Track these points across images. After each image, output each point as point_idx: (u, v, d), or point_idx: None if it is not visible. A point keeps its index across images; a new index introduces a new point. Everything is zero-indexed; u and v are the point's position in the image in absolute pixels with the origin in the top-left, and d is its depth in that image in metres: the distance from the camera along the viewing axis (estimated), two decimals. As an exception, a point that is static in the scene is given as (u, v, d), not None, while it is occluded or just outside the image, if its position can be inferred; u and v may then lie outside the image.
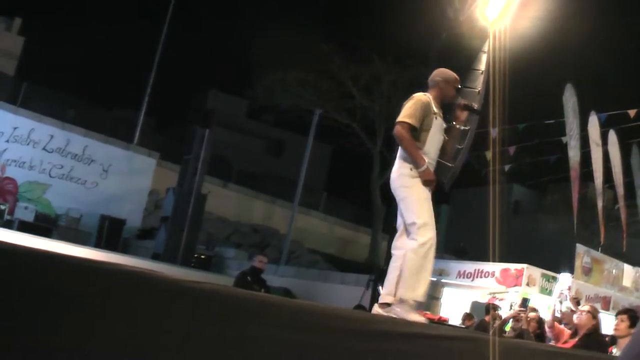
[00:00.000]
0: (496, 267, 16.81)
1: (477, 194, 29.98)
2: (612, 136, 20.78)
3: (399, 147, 6.35)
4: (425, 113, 6.27)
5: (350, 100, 28.77)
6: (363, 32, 26.47)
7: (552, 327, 8.99)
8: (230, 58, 37.58)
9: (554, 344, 8.36)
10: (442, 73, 6.63)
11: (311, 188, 35.04)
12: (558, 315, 9.96)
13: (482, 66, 11.65)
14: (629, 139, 21.37)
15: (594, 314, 8.53)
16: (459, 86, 6.71)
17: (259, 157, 41.30)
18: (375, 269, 17.58)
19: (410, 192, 6.18)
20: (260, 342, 3.39)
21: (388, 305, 6.01)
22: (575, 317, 8.61)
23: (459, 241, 33.44)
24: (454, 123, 6.62)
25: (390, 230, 12.18)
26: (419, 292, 6.02)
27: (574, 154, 19.70)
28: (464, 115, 6.64)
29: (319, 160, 39.15)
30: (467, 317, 14.39)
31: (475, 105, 6.75)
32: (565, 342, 8.48)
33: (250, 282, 12.74)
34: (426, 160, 6.17)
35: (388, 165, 29.03)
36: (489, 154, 20.08)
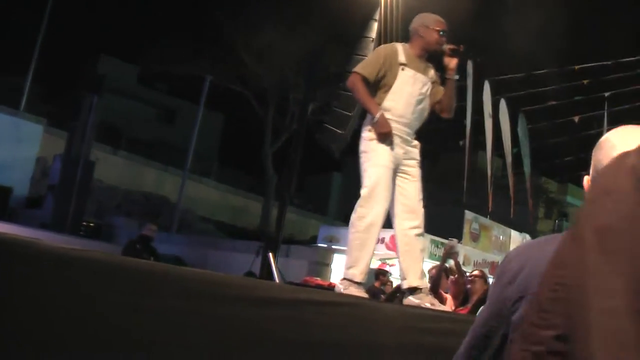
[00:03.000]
0: (386, 234, 16.78)
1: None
2: (502, 105, 21.24)
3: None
4: (384, 64, 5.49)
5: (243, 67, 28.54)
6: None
7: (435, 292, 9.02)
8: (122, 23, 36.65)
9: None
10: (419, 18, 5.78)
11: (203, 156, 34.87)
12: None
13: (373, 34, 11.72)
14: (517, 107, 21.89)
15: (485, 278, 8.62)
16: (440, 29, 5.65)
17: (150, 124, 40.65)
18: (266, 236, 17.64)
19: (367, 157, 5.58)
20: (148, 310, 3.37)
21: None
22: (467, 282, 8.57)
23: (351, 209, 33.71)
24: (446, 75, 5.73)
25: (281, 199, 12.25)
26: (354, 271, 5.37)
27: (468, 122, 20.07)
28: (453, 62, 5.67)
29: (211, 128, 38.94)
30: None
31: (462, 47, 5.67)
32: (457, 308, 8.50)
33: (140, 250, 12.63)
34: (381, 113, 5.40)
35: (280, 133, 29.10)
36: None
